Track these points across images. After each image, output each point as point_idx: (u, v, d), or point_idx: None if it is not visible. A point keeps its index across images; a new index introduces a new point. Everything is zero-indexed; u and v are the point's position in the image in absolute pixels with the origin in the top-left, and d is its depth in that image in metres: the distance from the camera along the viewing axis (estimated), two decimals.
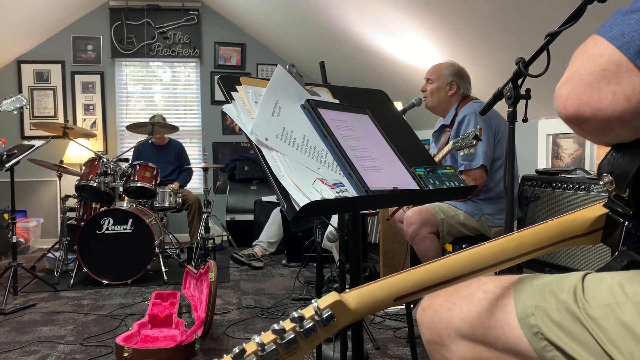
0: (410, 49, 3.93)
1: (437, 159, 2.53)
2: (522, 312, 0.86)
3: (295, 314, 0.69)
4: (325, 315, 0.71)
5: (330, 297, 0.73)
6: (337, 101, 1.39)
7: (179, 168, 5.43)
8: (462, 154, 2.58)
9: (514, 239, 0.89)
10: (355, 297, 0.76)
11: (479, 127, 2.20)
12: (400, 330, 2.94)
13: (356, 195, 1.13)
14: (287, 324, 0.69)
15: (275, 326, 0.68)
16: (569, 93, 0.79)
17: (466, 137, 2.24)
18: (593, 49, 0.79)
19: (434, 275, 0.83)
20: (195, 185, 6.23)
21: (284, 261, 4.82)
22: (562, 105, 0.80)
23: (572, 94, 0.79)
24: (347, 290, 0.76)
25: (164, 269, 4.16)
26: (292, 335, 0.68)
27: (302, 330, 0.69)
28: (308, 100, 1.25)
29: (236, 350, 0.66)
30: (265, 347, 0.67)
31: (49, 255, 4.59)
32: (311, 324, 0.70)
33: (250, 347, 0.67)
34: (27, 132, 5.95)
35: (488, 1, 2.79)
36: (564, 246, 0.92)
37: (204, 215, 4.72)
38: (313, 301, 0.72)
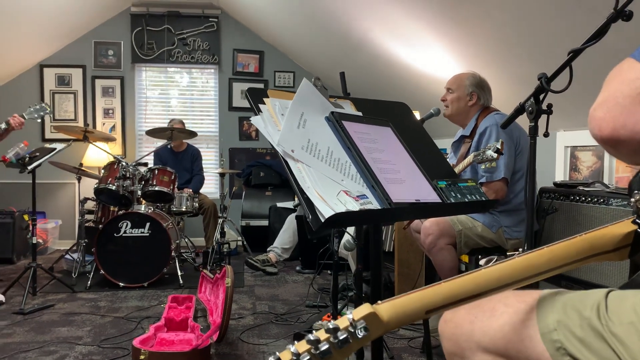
0: (429, 59, 3.94)
1: (456, 170, 2.53)
2: (545, 327, 0.87)
3: (330, 325, 0.70)
4: (359, 327, 0.72)
5: (363, 309, 0.74)
6: (360, 114, 1.41)
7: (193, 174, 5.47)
8: (483, 167, 2.58)
9: (544, 254, 0.89)
10: (387, 309, 0.77)
11: (500, 140, 2.19)
12: (415, 340, 2.94)
13: (379, 207, 1.15)
14: (322, 335, 0.70)
15: (310, 336, 0.69)
16: (604, 115, 0.80)
17: (488, 150, 2.23)
18: (628, 72, 0.80)
19: (466, 289, 0.83)
20: (212, 190, 6.29)
21: (298, 267, 4.84)
22: (597, 127, 0.81)
23: (607, 116, 0.80)
24: (379, 302, 0.78)
25: (179, 273, 4.20)
26: (327, 346, 0.69)
27: (336, 341, 0.70)
28: (332, 112, 1.28)
29: (271, 359, 0.68)
30: (300, 356, 0.68)
31: (67, 256, 4.66)
32: (345, 335, 0.71)
33: (285, 356, 0.68)
34: (48, 135, 6.05)
35: (506, 13, 2.80)
36: (592, 261, 0.92)
37: (220, 220, 4.76)
38: (347, 312, 0.73)
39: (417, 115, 3.70)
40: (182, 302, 3.33)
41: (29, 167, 3.68)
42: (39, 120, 3.85)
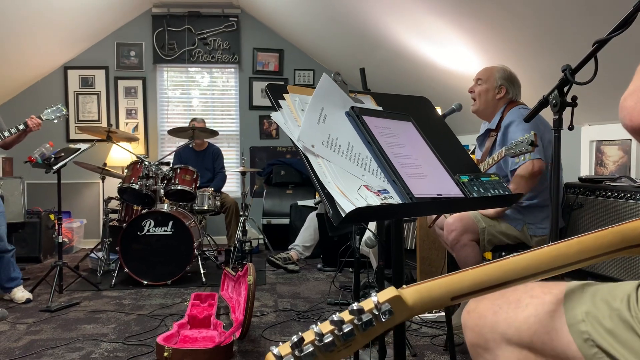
0: (450, 54, 3.90)
1: (484, 165, 2.47)
2: (573, 318, 0.85)
3: (355, 306, 0.69)
4: (384, 310, 0.70)
5: (389, 292, 0.72)
6: (380, 108, 1.40)
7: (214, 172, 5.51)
8: (517, 160, 2.49)
9: (573, 244, 0.87)
10: (413, 293, 0.76)
11: (533, 132, 2.13)
12: (438, 338, 2.91)
13: (401, 202, 1.14)
14: (346, 316, 0.69)
15: (334, 317, 0.68)
16: (635, 105, 0.80)
17: (520, 144, 2.17)
18: None
19: (492, 277, 0.82)
20: (233, 188, 6.33)
21: (319, 265, 4.84)
22: (627, 116, 0.81)
23: (638, 105, 0.79)
24: (404, 286, 0.77)
25: (202, 271, 4.23)
26: (350, 328, 0.68)
27: (360, 323, 0.69)
28: (352, 107, 1.27)
29: (295, 338, 0.67)
30: (324, 337, 0.68)
31: (92, 255, 4.73)
32: (369, 317, 0.69)
33: (308, 336, 0.68)
34: (72, 136, 6.15)
35: (529, 6, 2.75)
36: (623, 254, 0.90)
37: (242, 219, 4.78)
38: (372, 294, 0.72)
39: (438, 111, 3.66)
40: (205, 300, 3.35)
41: (54, 167, 3.74)
42: (56, 121, 3.91)
